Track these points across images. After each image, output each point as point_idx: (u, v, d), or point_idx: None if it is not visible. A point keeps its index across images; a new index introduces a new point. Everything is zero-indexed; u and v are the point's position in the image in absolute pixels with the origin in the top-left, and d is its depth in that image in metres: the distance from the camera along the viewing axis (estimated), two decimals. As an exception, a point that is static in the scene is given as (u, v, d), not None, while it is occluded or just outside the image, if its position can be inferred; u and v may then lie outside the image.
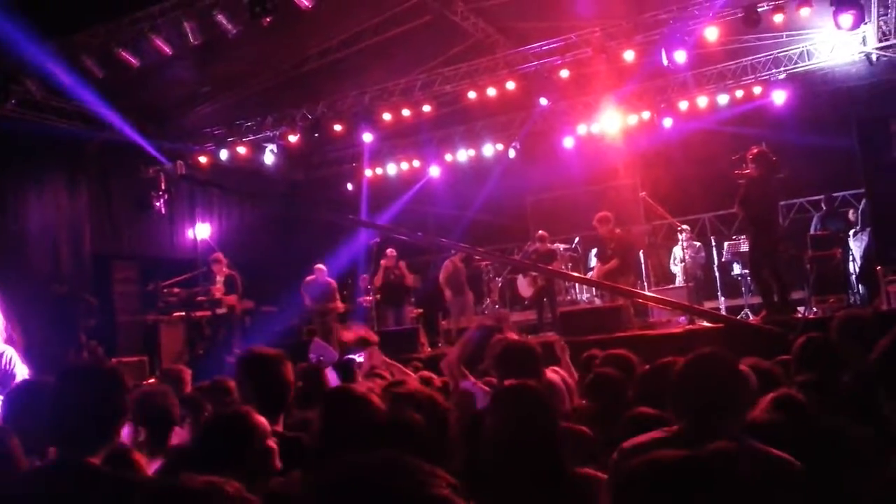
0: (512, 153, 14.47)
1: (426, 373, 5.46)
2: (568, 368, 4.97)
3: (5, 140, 10.21)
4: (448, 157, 15.04)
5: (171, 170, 11.67)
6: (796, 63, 12.26)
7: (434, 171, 15.27)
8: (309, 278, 12.07)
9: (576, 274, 12.14)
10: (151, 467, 2.89)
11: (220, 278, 11.17)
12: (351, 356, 5.86)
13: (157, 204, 11.63)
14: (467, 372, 4.32)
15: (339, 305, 12.04)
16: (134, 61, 9.22)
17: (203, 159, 13.23)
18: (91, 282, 11.44)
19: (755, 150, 8.52)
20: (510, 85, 11.88)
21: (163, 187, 11.61)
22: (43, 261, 11.03)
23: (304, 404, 3.87)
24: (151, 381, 6.36)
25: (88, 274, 11.48)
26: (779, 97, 12.46)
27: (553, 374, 4.43)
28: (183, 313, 11.05)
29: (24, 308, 9.56)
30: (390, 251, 12.33)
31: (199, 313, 11.06)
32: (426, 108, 12.56)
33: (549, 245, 11.67)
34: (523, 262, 12.02)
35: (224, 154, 13.25)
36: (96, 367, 2.48)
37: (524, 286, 12.72)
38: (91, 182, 11.92)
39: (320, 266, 12.22)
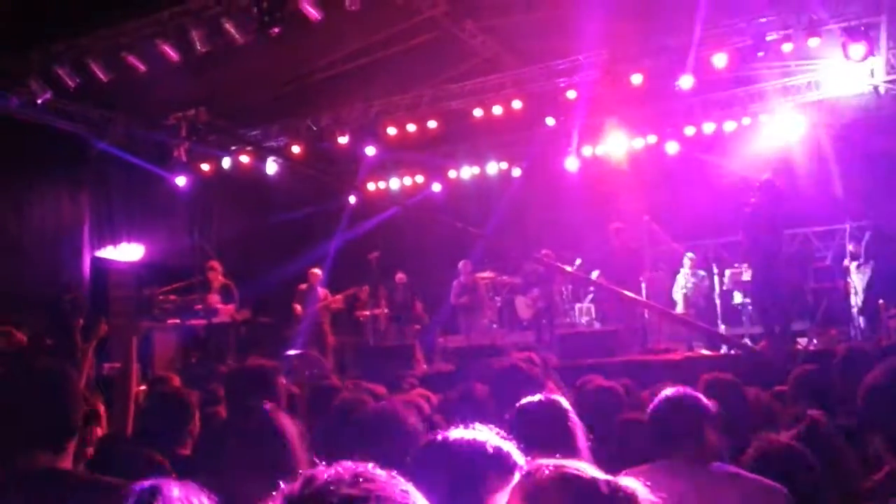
0: (517, 172, 14.40)
1: (421, 390, 5.33)
2: None
3: (7, 140, 10.17)
4: (452, 174, 14.98)
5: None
6: (804, 93, 12.25)
7: (436, 188, 15.20)
8: (302, 286, 11.96)
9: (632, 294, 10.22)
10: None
11: (215, 286, 11.06)
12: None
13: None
14: None
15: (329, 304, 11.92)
16: (140, 66, 9.20)
17: (206, 166, 13.15)
18: (89, 285, 11.34)
19: (761, 179, 8.48)
20: (516, 104, 11.85)
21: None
22: (42, 263, 10.93)
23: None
24: (143, 388, 6.24)
25: (86, 277, 11.38)
26: (786, 126, 12.42)
27: None
28: (178, 321, 10.93)
29: (22, 309, 9.56)
30: (400, 275, 12.58)
31: (194, 321, 10.94)
32: (431, 124, 12.51)
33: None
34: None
35: (227, 162, 13.17)
36: (36, 366, 2.29)
37: (523, 307, 12.62)
38: (92, 185, 11.85)
39: (315, 271, 12.09)
